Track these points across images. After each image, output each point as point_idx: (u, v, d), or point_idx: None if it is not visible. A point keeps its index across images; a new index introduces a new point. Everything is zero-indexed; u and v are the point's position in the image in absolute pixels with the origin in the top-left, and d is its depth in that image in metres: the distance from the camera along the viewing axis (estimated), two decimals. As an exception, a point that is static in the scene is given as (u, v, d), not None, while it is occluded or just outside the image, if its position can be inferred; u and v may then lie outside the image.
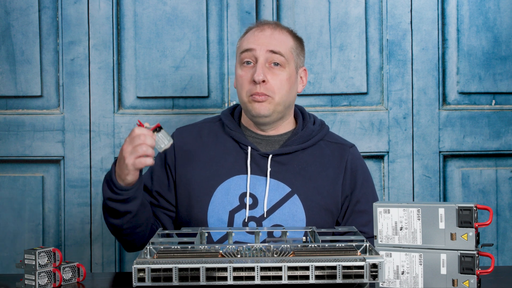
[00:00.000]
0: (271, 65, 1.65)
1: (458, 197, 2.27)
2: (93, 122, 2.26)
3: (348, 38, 2.27)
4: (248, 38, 1.69)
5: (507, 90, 2.27)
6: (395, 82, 2.27)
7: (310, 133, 1.72)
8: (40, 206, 2.27)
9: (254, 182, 1.66)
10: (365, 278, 1.20)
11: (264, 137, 1.71)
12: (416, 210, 1.31)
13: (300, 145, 1.70)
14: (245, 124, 1.73)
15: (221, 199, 1.66)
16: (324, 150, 1.72)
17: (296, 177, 1.67)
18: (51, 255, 1.35)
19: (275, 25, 1.71)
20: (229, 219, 1.64)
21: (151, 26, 2.26)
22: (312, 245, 1.31)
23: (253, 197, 1.66)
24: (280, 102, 1.65)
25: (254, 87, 1.64)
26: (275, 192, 1.66)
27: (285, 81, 1.66)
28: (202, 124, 1.78)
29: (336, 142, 1.75)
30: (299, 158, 1.69)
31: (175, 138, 1.74)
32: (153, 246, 1.31)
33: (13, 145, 2.26)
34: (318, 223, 1.65)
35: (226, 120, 1.74)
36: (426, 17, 2.27)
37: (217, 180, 1.67)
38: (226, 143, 1.71)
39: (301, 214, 1.65)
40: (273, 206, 1.65)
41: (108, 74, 2.26)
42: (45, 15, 2.27)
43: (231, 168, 1.68)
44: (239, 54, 1.69)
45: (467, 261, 1.27)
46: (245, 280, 1.20)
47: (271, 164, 1.67)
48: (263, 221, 1.65)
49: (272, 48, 1.65)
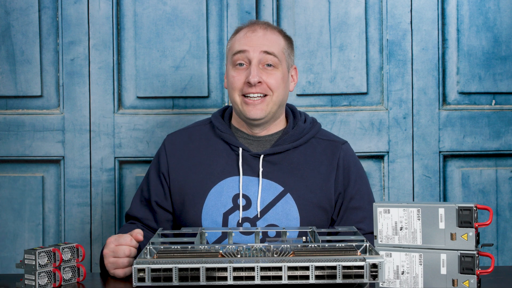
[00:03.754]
0: (264, 66, 1.65)
1: (458, 197, 2.27)
2: (93, 122, 2.26)
3: (348, 38, 2.27)
4: (239, 39, 1.69)
5: (507, 90, 2.27)
6: (395, 82, 2.27)
7: (301, 131, 1.72)
8: (40, 206, 2.27)
9: (247, 183, 1.66)
10: (365, 278, 1.20)
11: (255, 138, 1.71)
12: (416, 210, 1.31)
13: (291, 144, 1.70)
14: (236, 125, 1.73)
15: (215, 201, 1.66)
16: (316, 148, 1.72)
17: (288, 176, 1.67)
18: (51, 255, 1.35)
19: (266, 25, 1.70)
20: (223, 221, 1.65)
21: (151, 26, 2.26)
22: (312, 245, 1.31)
23: (246, 198, 1.66)
24: (277, 101, 1.66)
25: (248, 88, 1.64)
26: (268, 192, 1.66)
27: (280, 80, 1.66)
28: (192, 128, 1.78)
29: (328, 139, 1.75)
30: (290, 157, 1.69)
31: (166, 145, 1.75)
32: (153, 246, 1.31)
33: (13, 145, 2.26)
34: (312, 221, 1.66)
35: (216, 122, 1.73)
36: (426, 17, 2.27)
37: (210, 183, 1.67)
38: (217, 145, 1.71)
39: (294, 213, 1.65)
40: (267, 206, 1.65)
41: (108, 74, 2.26)
42: (45, 15, 2.27)
43: (223, 170, 1.68)
44: (231, 55, 1.68)
45: (467, 261, 1.27)
46: (245, 280, 1.20)
47: (263, 164, 1.67)
48: (257, 222, 1.65)
49: (265, 49, 1.65)
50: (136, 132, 2.27)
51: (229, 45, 1.72)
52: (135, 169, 2.27)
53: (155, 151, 2.23)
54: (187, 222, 1.68)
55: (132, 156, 2.27)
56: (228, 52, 1.72)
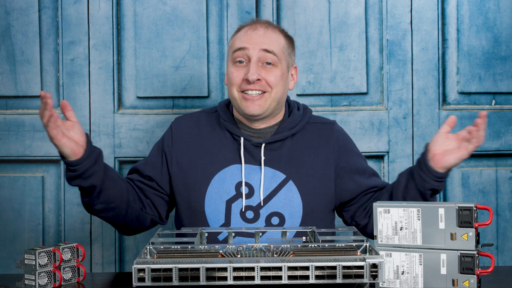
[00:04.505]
0: (263, 64, 1.67)
1: (458, 197, 2.27)
2: (93, 122, 2.26)
3: (348, 38, 2.27)
4: (240, 37, 1.70)
5: (507, 90, 2.27)
6: (395, 82, 2.27)
7: (297, 118, 1.75)
8: (40, 206, 2.27)
9: (249, 171, 1.68)
10: (365, 278, 1.20)
11: (256, 131, 1.73)
12: (416, 210, 1.31)
13: (289, 131, 1.72)
14: (238, 118, 1.75)
15: (218, 188, 1.68)
16: (313, 133, 1.75)
17: (290, 164, 1.70)
18: (51, 255, 1.35)
19: (268, 24, 1.72)
20: (226, 208, 1.66)
21: (151, 26, 2.26)
22: (312, 245, 1.31)
23: (249, 186, 1.68)
24: (275, 98, 1.68)
25: (247, 85, 1.65)
26: (270, 180, 1.68)
27: (279, 77, 1.67)
28: (200, 114, 1.80)
29: (320, 122, 1.79)
30: (290, 144, 1.72)
31: (173, 128, 1.78)
32: (153, 246, 1.31)
33: (13, 145, 2.26)
34: (315, 208, 1.68)
35: (221, 112, 1.76)
36: (426, 17, 2.27)
37: (213, 169, 1.69)
38: (222, 134, 1.74)
39: (297, 199, 1.67)
40: (270, 194, 1.67)
41: (108, 74, 2.26)
42: (45, 15, 2.27)
43: (226, 158, 1.70)
44: (232, 52, 1.70)
45: (467, 261, 1.27)
46: (245, 280, 1.20)
47: (265, 153, 1.69)
48: (260, 210, 1.66)
49: (265, 47, 1.66)
50: (136, 132, 2.27)
51: (230, 42, 1.74)
52: (135, 169, 2.27)
53: (155, 151, 2.23)
54: (191, 208, 1.70)
55: (132, 156, 2.27)
56: (229, 50, 1.73)
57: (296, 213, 1.67)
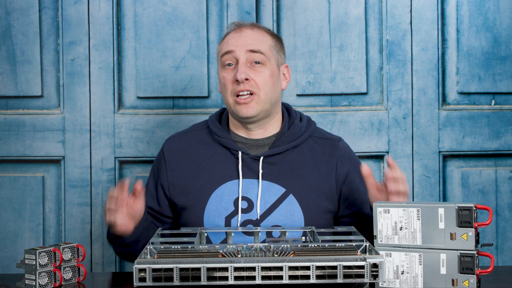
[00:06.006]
0: (252, 64, 1.67)
1: (457, 197, 2.28)
2: (93, 122, 2.26)
3: (348, 38, 2.27)
4: (227, 41, 1.71)
5: (507, 90, 2.28)
6: (395, 82, 2.27)
7: (298, 130, 1.73)
8: (40, 206, 2.27)
9: (248, 185, 1.67)
10: (366, 278, 1.20)
11: (254, 141, 1.71)
12: (416, 210, 1.32)
13: (290, 144, 1.70)
14: (234, 129, 1.74)
15: (216, 205, 1.66)
16: (314, 147, 1.73)
17: (289, 177, 1.68)
18: (52, 255, 1.35)
19: (252, 25, 1.72)
20: (225, 225, 1.65)
21: (151, 26, 2.27)
22: (312, 245, 1.31)
23: (248, 200, 1.66)
24: (265, 99, 1.66)
25: (237, 86, 1.65)
26: (269, 193, 1.66)
27: (268, 77, 1.67)
28: (190, 133, 1.78)
29: (324, 137, 1.76)
30: (290, 157, 1.70)
31: (165, 150, 1.77)
32: (153, 246, 1.31)
33: (14, 145, 2.26)
34: (316, 221, 1.66)
35: (214, 128, 1.74)
36: (426, 17, 2.27)
37: (210, 187, 1.68)
38: (216, 149, 1.72)
39: (298, 213, 1.65)
40: (270, 208, 1.66)
41: (108, 74, 2.26)
42: (46, 15, 2.27)
43: (223, 175, 1.68)
44: (220, 58, 1.71)
45: (467, 261, 1.27)
46: (246, 280, 1.20)
47: (263, 166, 1.68)
48: (260, 224, 1.65)
49: (251, 48, 1.67)
50: (136, 132, 2.27)
51: (218, 49, 1.75)
52: (135, 169, 2.28)
53: (155, 151, 2.23)
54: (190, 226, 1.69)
55: (132, 156, 2.27)
56: (217, 56, 1.74)
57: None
